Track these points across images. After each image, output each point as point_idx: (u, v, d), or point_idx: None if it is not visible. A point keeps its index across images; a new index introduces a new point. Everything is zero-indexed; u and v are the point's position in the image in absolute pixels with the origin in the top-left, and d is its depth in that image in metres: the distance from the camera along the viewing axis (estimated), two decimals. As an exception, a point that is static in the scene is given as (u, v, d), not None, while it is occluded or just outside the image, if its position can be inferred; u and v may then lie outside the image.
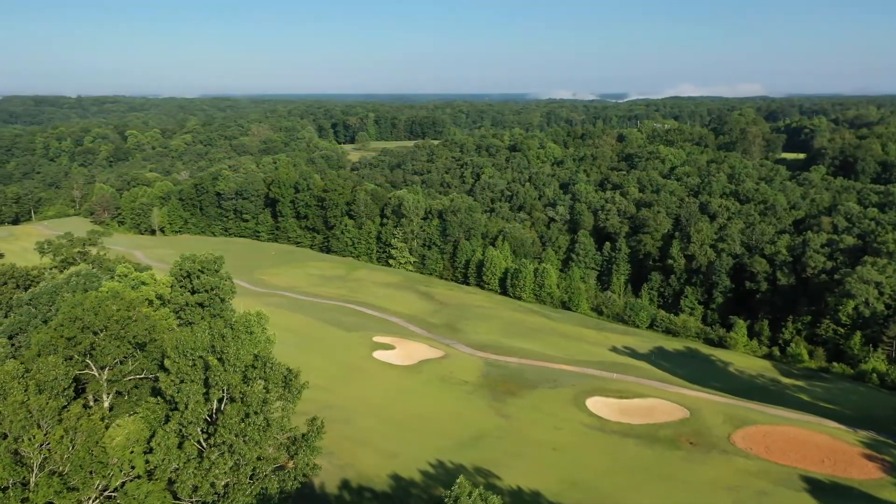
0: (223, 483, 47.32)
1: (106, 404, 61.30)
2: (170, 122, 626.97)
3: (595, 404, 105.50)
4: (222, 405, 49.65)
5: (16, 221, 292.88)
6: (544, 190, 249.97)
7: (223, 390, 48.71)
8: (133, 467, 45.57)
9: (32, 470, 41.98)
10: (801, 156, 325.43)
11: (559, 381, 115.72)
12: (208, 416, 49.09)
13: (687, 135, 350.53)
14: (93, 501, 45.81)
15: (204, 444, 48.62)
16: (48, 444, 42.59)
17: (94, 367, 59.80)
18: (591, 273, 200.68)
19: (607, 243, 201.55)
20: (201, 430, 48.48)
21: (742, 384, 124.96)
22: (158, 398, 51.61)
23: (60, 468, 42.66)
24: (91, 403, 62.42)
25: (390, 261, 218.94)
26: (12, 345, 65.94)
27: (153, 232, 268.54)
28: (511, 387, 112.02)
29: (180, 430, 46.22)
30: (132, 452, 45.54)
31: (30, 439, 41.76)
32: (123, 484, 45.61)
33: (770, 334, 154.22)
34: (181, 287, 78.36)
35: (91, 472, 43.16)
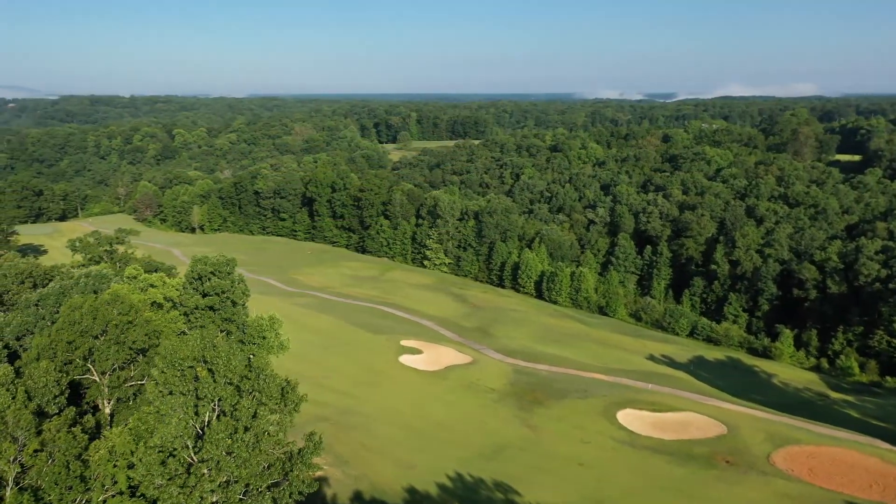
0: (211, 501, 44.80)
1: (107, 410, 59.70)
2: (217, 121, 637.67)
3: (626, 417, 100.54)
4: (215, 417, 47.18)
5: (62, 218, 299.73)
6: (585, 191, 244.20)
7: (214, 402, 46.22)
8: (115, 482, 43.35)
9: (7, 485, 40.14)
10: (857, 158, 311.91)
11: (590, 390, 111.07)
12: (199, 429, 46.63)
13: (735, 135, 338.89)
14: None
15: (194, 459, 46.18)
16: (21, 458, 40.63)
17: (94, 373, 58.22)
18: (631, 277, 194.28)
19: (648, 247, 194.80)
20: (191, 446, 46.01)
21: (786, 398, 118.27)
22: (152, 408, 49.45)
23: (37, 482, 40.67)
24: (99, 408, 61.03)
25: (425, 262, 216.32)
26: (21, 346, 64.85)
27: (193, 230, 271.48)
28: (539, 396, 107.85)
29: (165, 445, 43.80)
30: (115, 467, 43.27)
31: (2, 453, 39.87)
32: (105, 501, 43.42)
33: (818, 345, 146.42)
34: (193, 290, 76.71)
35: (69, 488, 41.14)
